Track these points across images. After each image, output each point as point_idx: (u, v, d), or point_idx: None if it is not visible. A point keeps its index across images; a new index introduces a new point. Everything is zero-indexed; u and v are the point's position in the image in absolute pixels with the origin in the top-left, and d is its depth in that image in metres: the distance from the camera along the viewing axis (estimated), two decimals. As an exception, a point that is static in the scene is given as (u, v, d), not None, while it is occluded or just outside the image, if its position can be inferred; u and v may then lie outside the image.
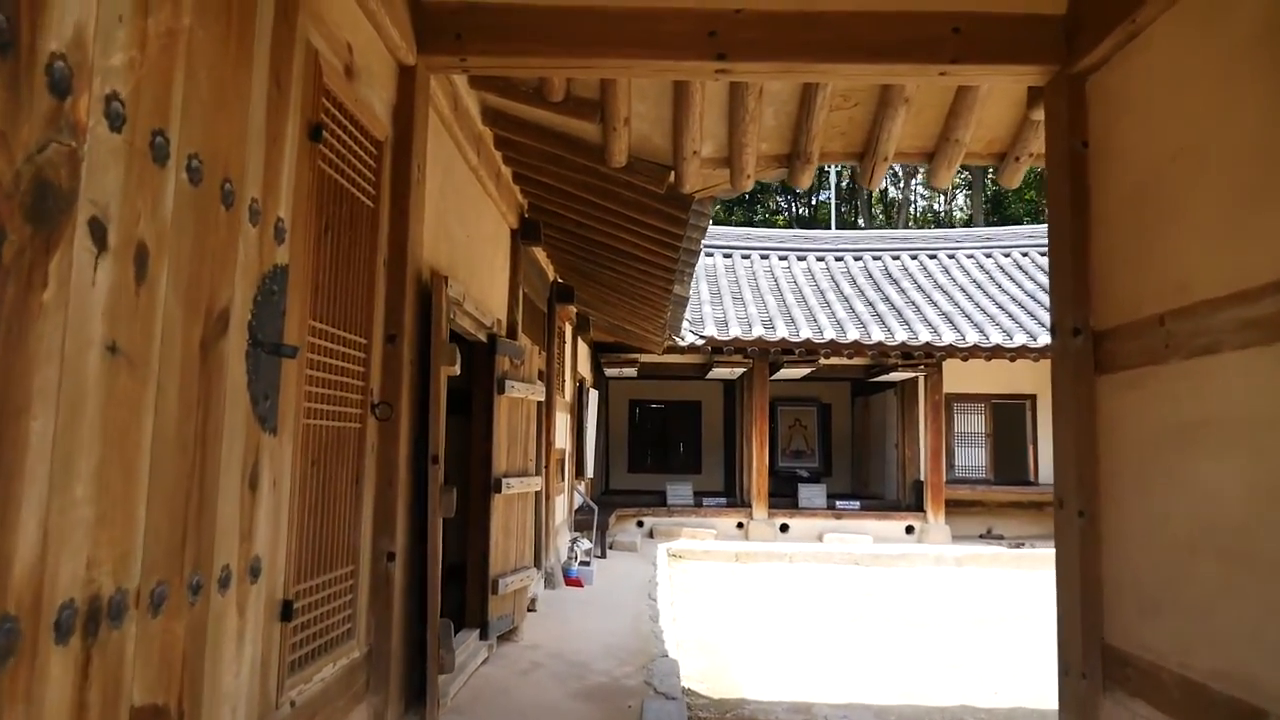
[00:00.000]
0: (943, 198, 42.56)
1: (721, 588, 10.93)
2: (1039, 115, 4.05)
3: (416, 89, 3.61)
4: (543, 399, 6.30)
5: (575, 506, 11.58)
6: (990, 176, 36.79)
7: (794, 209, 41.58)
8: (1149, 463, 3.09)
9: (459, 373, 4.23)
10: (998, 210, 36.80)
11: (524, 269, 6.77)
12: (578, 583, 9.12)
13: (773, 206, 41.29)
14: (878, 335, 13.35)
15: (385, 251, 3.44)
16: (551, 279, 8.97)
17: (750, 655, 7.29)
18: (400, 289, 3.51)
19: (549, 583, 8.70)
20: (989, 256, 17.22)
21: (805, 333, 13.30)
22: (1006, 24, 3.57)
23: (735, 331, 13.30)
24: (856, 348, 13.34)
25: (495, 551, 5.57)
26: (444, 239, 4.44)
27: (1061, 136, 3.55)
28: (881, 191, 42.96)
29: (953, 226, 37.79)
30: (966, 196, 40.68)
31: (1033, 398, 15.80)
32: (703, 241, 6.59)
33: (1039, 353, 13.46)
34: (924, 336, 13.33)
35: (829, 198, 40.88)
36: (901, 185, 40.13)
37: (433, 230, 4.20)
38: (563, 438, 10.70)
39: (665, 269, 7.14)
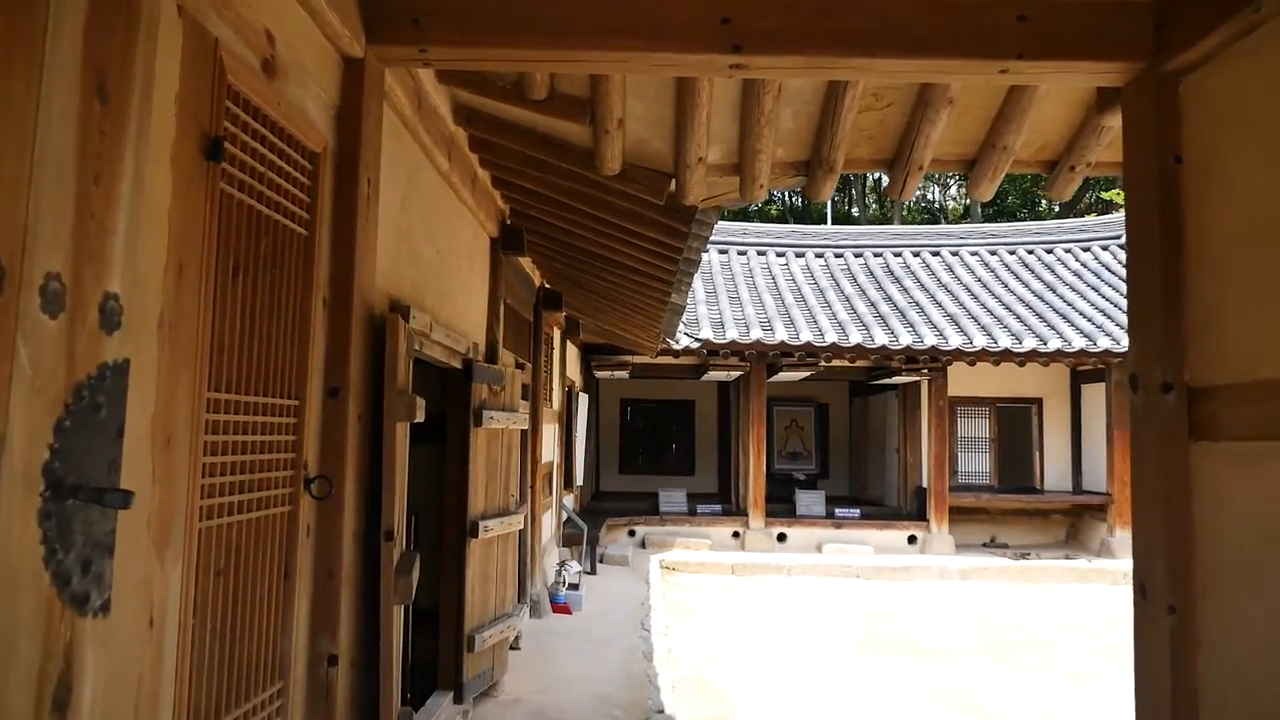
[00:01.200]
0: (937, 189, 41.96)
1: (718, 608, 10.36)
2: (1112, 121, 3.43)
3: (366, 86, 2.96)
4: (527, 427, 5.68)
5: (563, 520, 10.98)
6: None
7: (787, 198, 40.92)
8: (1271, 556, 2.49)
9: (423, 419, 3.61)
10: (994, 203, 36.20)
11: (506, 279, 6.13)
12: (566, 610, 8.52)
13: (764, 201, 40.57)
14: (881, 338, 12.75)
15: (325, 289, 2.81)
16: (538, 285, 8.33)
17: (752, 700, 6.69)
18: (344, 331, 2.87)
19: (535, 611, 8.10)
20: (993, 254, 16.63)
21: (805, 335, 12.69)
22: (1082, 11, 2.94)
23: (732, 334, 12.68)
24: (859, 351, 12.74)
25: (472, 603, 4.95)
26: (407, 261, 3.80)
27: (1147, 149, 2.93)
28: (875, 180, 42.41)
29: (948, 218, 37.24)
30: (960, 188, 40.12)
31: (1038, 401, 15.26)
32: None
33: (1049, 357, 12.91)
34: (929, 340, 12.74)
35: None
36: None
37: (392, 252, 3.56)
38: (550, 450, 10.09)
39: (662, 280, 6.51)
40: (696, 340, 12.63)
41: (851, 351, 12.75)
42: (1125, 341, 11.75)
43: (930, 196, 41.48)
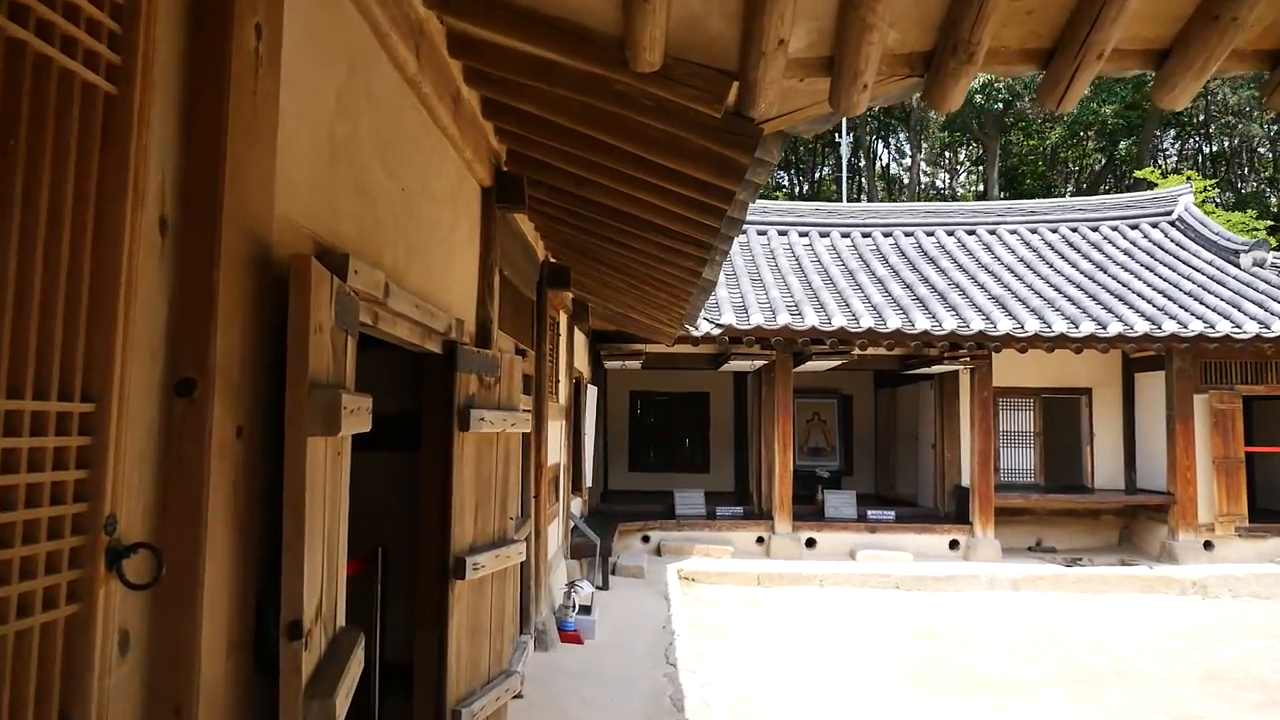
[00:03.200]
0: (947, 175, 40.49)
1: (747, 629, 9.13)
2: None
3: None
4: (529, 428, 4.43)
5: (570, 528, 9.75)
6: (1006, 144, 34.83)
7: (795, 185, 39.60)
8: None
9: (368, 428, 2.37)
10: (1011, 186, 34.83)
11: (502, 243, 4.88)
12: (576, 638, 7.30)
13: (771, 183, 39.32)
14: (923, 323, 11.48)
15: (164, 200, 1.56)
16: (542, 258, 7.08)
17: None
18: (205, 281, 1.63)
19: (541, 643, 6.87)
20: (1034, 232, 15.35)
21: (838, 320, 11.43)
22: None
23: (757, 319, 11.43)
24: (898, 338, 11.48)
25: (457, 665, 3.72)
26: (349, 191, 2.55)
27: None
28: (884, 167, 40.88)
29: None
30: (969, 173, 38.69)
31: (1088, 392, 13.99)
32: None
33: (1108, 343, 11.65)
34: (976, 325, 11.47)
35: (826, 174, 38.96)
36: (902, 159, 38.10)
37: (320, 172, 2.31)
38: (556, 451, 8.85)
39: (697, 245, 5.26)
40: (718, 326, 11.38)
41: (889, 338, 11.49)
42: (1193, 325, 10.47)
43: (939, 185, 40.07)
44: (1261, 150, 35.35)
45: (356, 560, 3.91)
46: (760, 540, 12.64)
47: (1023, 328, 11.49)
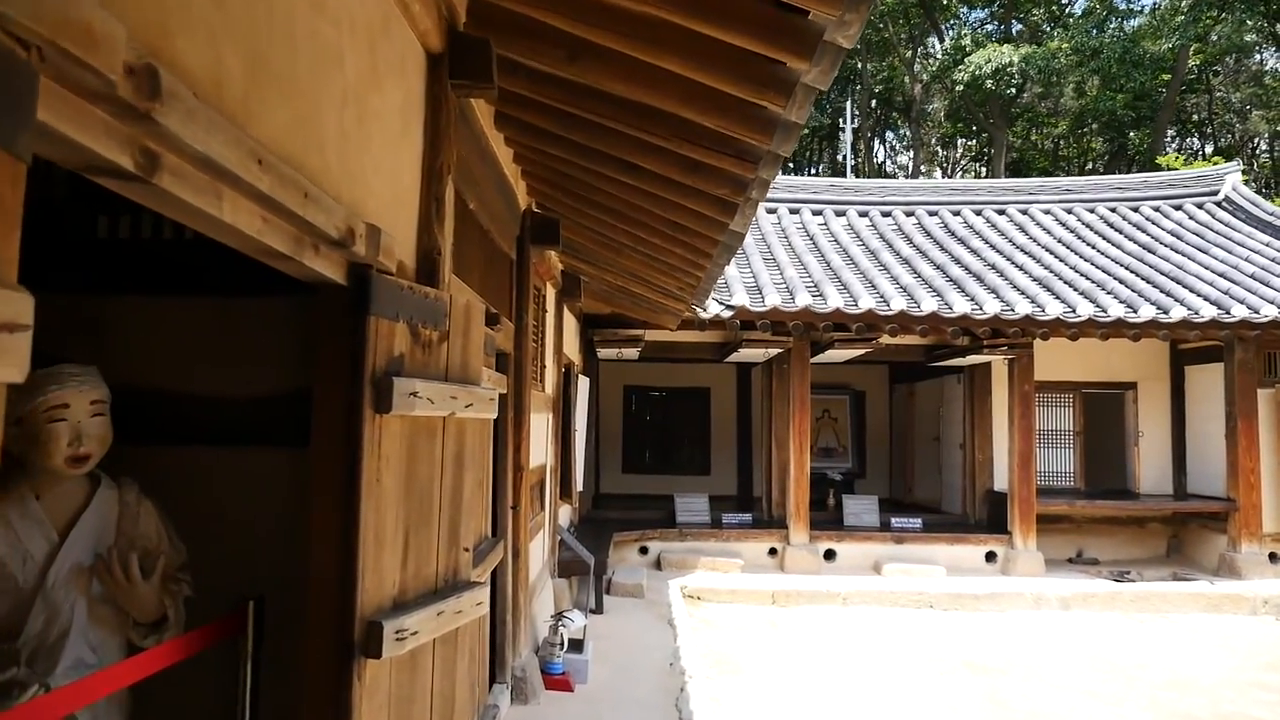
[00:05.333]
0: (942, 173, 39.09)
1: (766, 659, 7.69)
2: None
3: None
4: (493, 414, 2.98)
5: (558, 542, 8.29)
6: (1019, 134, 33.50)
7: (799, 172, 38.18)
8: None
9: (25, 368, 0.92)
10: (1019, 175, 33.52)
11: (462, 156, 3.44)
12: (565, 684, 5.84)
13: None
14: (961, 306, 10.07)
15: None
16: (525, 206, 5.63)
17: None
18: None
19: (519, 693, 5.41)
20: (1069, 212, 13.96)
21: (866, 302, 10.00)
22: None
23: (773, 300, 9.99)
24: (933, 322, 10.07)
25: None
26: None
27: None
28: (879, 165, 39.41)
29: (974, 193, 34.55)
30: (968, 171, 37.31)
31: (1133, 386, 12.60)
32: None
33: (1169, 329, 10.27)
34: (1022, 308, 10.07)
35: (822, 172, 37.57)
36: (896, 157, 36.68)
37: None
38: (542, 450, 7.41)
39: (731, 180, 3.85)
40: (728, 308, 9.94)
41: (924, 322, 10.08)
42: (1265, 310, 9.08)
43: (938, 179, 38.72)
44: (1262, 149, 34.27)
45: (217, 621, 2.46)
46: (773, 552, 11.21)
47: (1074, 311, 10.10)
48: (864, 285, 10.69)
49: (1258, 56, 33.87)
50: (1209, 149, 33.46)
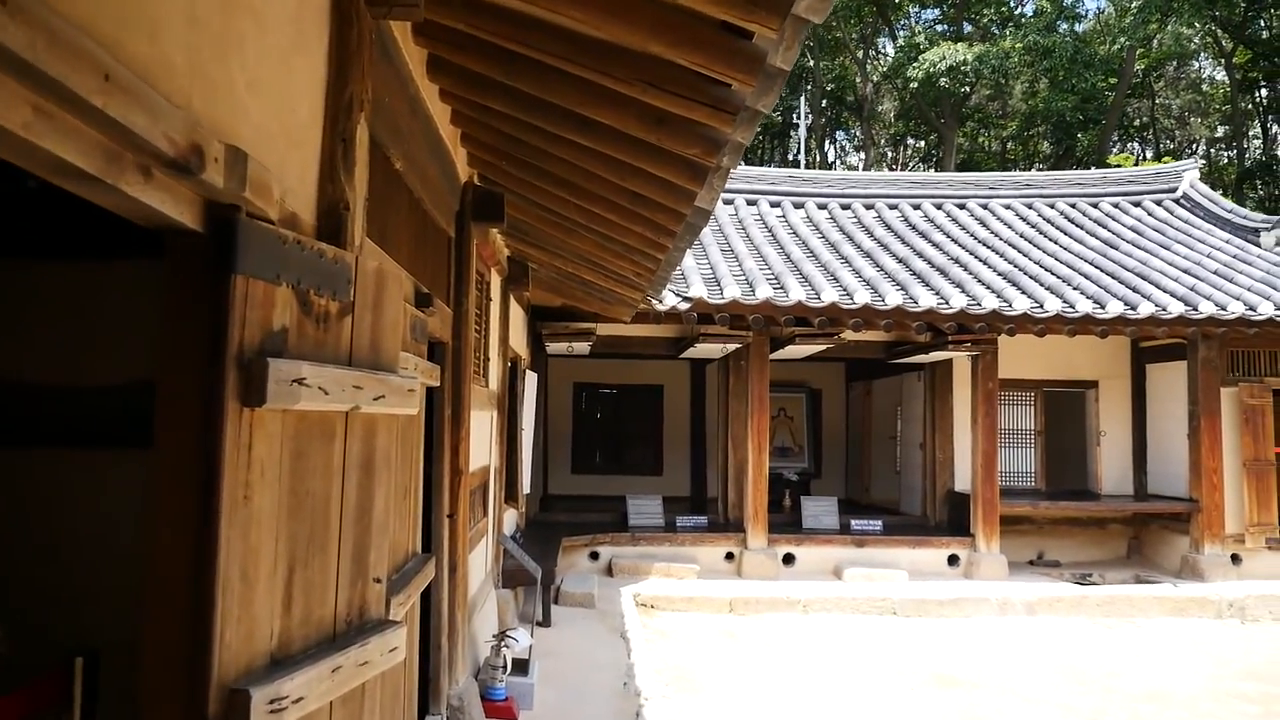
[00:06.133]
0: (900, 167, 39.10)
1: (725, 674, 7.18)
2: None
3: None
4: (415, 409, 2.39)
5: (502, 551, 7.68)
6: (968, 134, 33.58)
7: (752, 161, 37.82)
8: None
9: None
10: (967, 160, 33.53)
11: (382, 96, 2.85)
12: (508, 711, 5.25)
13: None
14: (927, 300, 9.68)
15: None
16: (466, 179, 5.03)
17: None
18: None
19: (456, 724, 4.82)
20: (1030, 207, 13.70)
21: (830, 295, 9.55)
22: None
23: (733, 292, 9.49)
24: (898, 316, 9.66)
25: None
26: None
27: None
28: (829, 166, 39.26)
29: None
30: (920, 165, 37.31)
31: (1094, 385, 12.36)
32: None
33: (1137, 325, 10.00)
34: (989, 302, 9.71)
35: (776, 164, 37.32)
36: (846, 157, 36.56)
37: None
38: (486, 451, 6.80)
39: (703, 139, 3.31)
40: (686, 300, 9.42)
41: (889, 316, 9.66)
42: (1232, 307, 8.83)
43: (891, 167, 38.69)
44: (1200, 153, 34.82)
45: (33, 685, 1.83)
46: (730, 556, 10.71)
47: (1041, 307, 9.77)
48: (826, 278, 10.25)
49: (1195, 64, 34.48)
50: (1149, 154, 33.93)
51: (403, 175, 3.52)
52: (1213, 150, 35.84)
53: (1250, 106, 31.69)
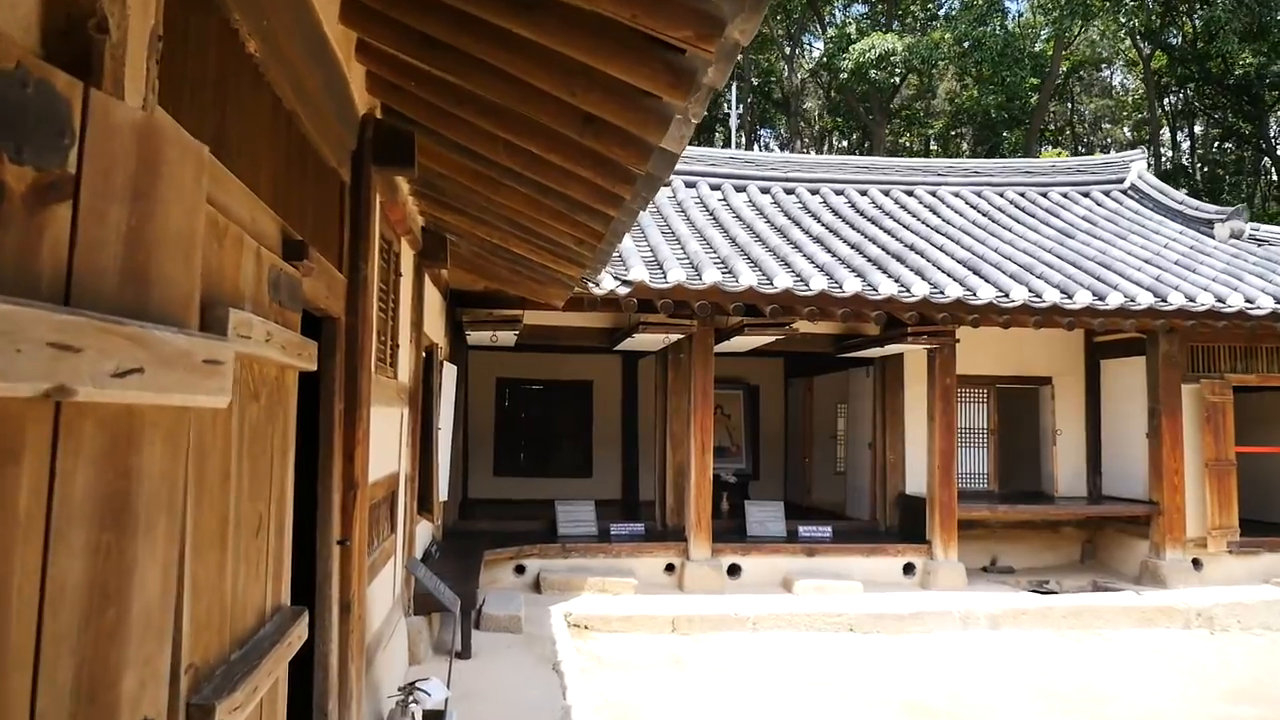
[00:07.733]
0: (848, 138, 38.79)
1: (672, 708, 6.20)
2: None
3: None
4: (226, 397, 1.31)
5: (414, 573, 6.54)
6: (893, 131, 33.40)
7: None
8: None
9: None
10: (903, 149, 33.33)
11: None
12: (418, 785, 4.17)
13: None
14: (888, 288, 8.86)
15: None
16: (366, 111, 3.92)
17: None
18: None
19: (348, 811, 3.71)
20: (979, 195, 13.09)
21: (783, 281, 8.65)
22: None
23: (677, 276, 8.52)
24: (857, 305, 8.84)
25: None
26: None
27: None
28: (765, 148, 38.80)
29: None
30: (851, 141, 37.06)
31: (1048, 381, 11.78)
32: None
33: (1104, 316, 9.37)
34: (952, 291, 8.95)
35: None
36: (783, 149, 36.09)
37: None
38: (393, 455, 5.68)
39: (670, 74, 2.31)
40: (626, 284, 8.40)
41: (846, 305, 8.83)
42: (1202, 299, 8.14)
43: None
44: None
45: None
46: (670, 568, 9.74)
47: (1007, 296, 9.06)
48: (777, 263, 9.36)
49: (1108, 70, 35.01)
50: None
51: (262, 69, 2.42)
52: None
53: (1161, 112, 32.19)
